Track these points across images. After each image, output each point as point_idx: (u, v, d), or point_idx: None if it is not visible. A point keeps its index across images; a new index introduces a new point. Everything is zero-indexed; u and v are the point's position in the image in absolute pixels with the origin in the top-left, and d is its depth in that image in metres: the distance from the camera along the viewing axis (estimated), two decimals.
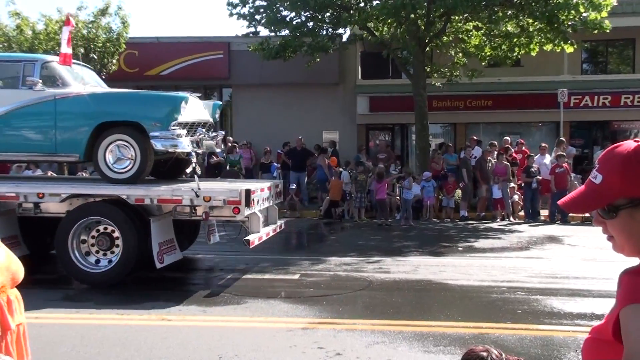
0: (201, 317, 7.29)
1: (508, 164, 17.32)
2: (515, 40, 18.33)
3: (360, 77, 22.80)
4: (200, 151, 9.84)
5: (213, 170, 19.77)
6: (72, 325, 6.83)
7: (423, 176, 17.24)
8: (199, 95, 10.66)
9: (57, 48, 18.98)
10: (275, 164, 19.50)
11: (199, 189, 8.69)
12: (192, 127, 9.52)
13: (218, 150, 11.28)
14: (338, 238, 15.00)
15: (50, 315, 6.96)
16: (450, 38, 19.70)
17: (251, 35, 19.24)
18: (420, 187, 17.02)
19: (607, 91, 21.13)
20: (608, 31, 16.86)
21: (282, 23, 18.66)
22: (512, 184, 17.18)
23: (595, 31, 16.74)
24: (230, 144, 20.53)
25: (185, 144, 9.05)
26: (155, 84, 23.73)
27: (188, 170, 8.48)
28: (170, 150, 9.09)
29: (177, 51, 22.62)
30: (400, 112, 21.16)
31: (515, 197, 17.24)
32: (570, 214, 16.28)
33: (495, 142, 18.79)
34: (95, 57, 19.61)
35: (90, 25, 19.93)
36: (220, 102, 11.64)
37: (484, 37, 19.13)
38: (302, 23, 18.76)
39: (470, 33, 19.19)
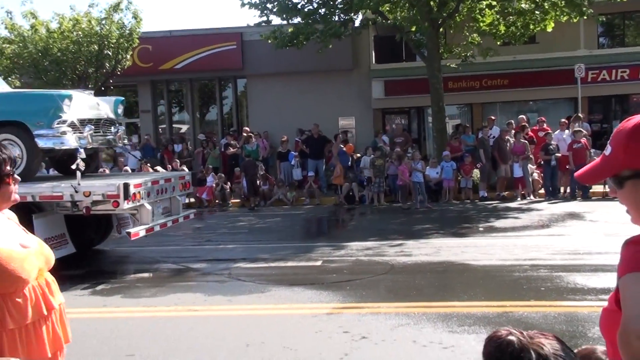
0: (227, 306, 7.38)
1: (526, 142, 17.20)
2: (529, 16, 18.16)
3: (374, 62, 22.71)
4: (90, 147, 9.86)
5: (230, 161, 19.94)
6: (101, 319, 6.96)
7: (443, 155, 17.18)
8: (91, 92, 10.82)
9: (71, 46, 19.19)
10: (293, 153, 19.55)
11: (79, 184, 8.81)
12: (82, 124, 9.56)
13: (120, 145, 11.22)
14: (358, 223, 15.07)
15: (80, 310, 7.07)
16: (464, 18, 19.54)
17: (263, 24, 19.25)
18: (437, 169, 16.97)
19: (625, 64, 20.85)
20: (624, 1, 16.58)
21: (294, 11, 18.64)
22: (530, 163, 17.06)
23: (612, 1, 16.48)
24: (246, 134, 20.63)
25: (71, 141, 9.19)
26: (169, 78, 23.90)
27: (73, 167, 8.61)
28: (57, 148, 9.23)
29: (190, 44, 22.68)
30: (416, 95, 21.08)
31: (535, 175, 17.14)
32: (591, 190, 16.20)
33: (513, 121, 18.67)
34: (110, 53, 19.74)
35: (103, 22, 20.04)
36: (123, 98, 11.56)
37: (497, 15, 18.95)
38: (314, 10, 18.72)
39: (484, 12, 19.01)
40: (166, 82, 24.25)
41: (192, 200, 18.64)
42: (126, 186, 8.83)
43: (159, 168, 19.10)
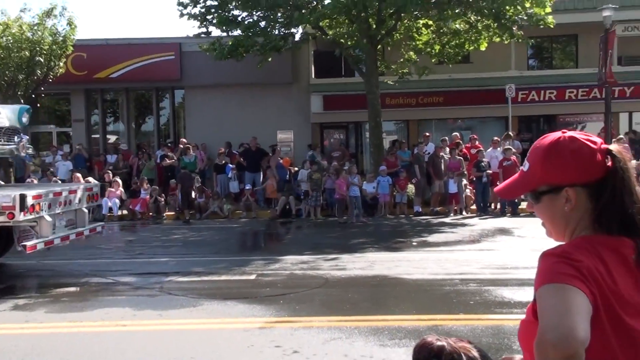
0: (157, 321, 7.23)
1: (461, 158, 17.64)
2: (463, 36, 18.74)
3: (313, 76, 22.86)
4: None
5: (166, 173, 19.63)
6: (23, 335, 6.69)
7: (380, 170, 17.40)
8: None
9: (0, 52, 18.55)
10: (230, 165, 19.42)
11: None
12: None
13: (23, 154, 10.96)
14: (294, 237, 15.08)
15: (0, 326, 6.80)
16: (401, 36, 19.94)
17: (203, 35, 19.11)
18: (374, 184, 17.17)
19: (553, 86, 21.69)
20: (552, 27, 17.37)
21: (234, 23, 18.59)
22: (464, 179, 17.49)
23: (541, 25, 17.23)
24: (183, 146, 20.39)
25: None
26: (105, 87, 23.40)
27: None
28: None
29: (127, 53, 22.28)
30: (354, 110, 21.30)
31: (467, 192, 17.57)
32: (519, 207, 16.72)
33: (447, 138, 19.13)
34: (42, 60, 19.16)
35: (36, 28, 19.46)
36: (28, 106, 11.32)
37: (433, 35, 19.44)
38: (254, 23, 18.71)
39: (420, 31, 19.46)
40: (101, 91, 23.72)
41: (125, 212, 18.24)
42: (22, 197, 8.52)
43: (90, 179, 18.64)
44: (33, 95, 20.43)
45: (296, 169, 18.95)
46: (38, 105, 23.12)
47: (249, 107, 22.18)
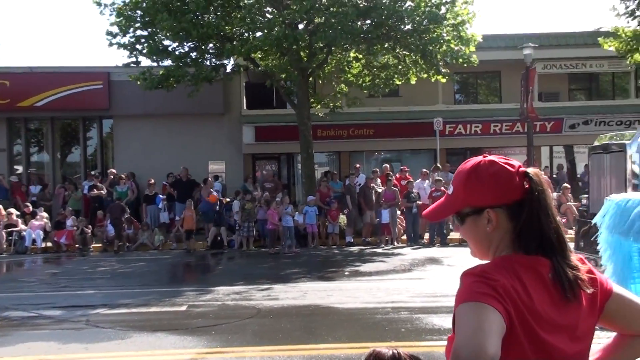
0: (83, 354, 6.99)
1: (396, 189, 17.96)
2: (393, 70, 19.26)
3: (245, 107, 22.88)
4: None
5: (94, 203, 19.11)
6: None
7: (308, 200, 17.47)
8: None
9: None
10: (161, 196, 19.08)
11: None
12: None
13: None
14: (226, 268, 14.91)
15: None
16: (333, 68, 20.29)
17: (132, 65, 18.87)
18: (303, 214, 17.22)
19: (479, 120, 22.48)
20: (476, 65, 18.09)
21: (164, 53, 18.47)
22: (397, 209, 17.78)
23: (465, 64, 17.94)
24: (114, 176, 19.94)
25: None
26: (28, 116, 22.68)
27: None
28: None
29: (53, 81, 21.68)
30: (286, 141, 21.41)
31: (398, 222, 17.86)
32: (448, 237, 17.13)
33: (378, 170, 19.46)
34: None
35: None
36: None
37: (363, 68, 19.88)
38: (185, 53, 18.66)
39: (351, 64, 19.87)
40: (25, 120, 22.93)
41: (49, 244, 17.61)
42: None
43: (12, 210, 17.96)
44: None
45: (228, 199, 18.79)
46: None
47: (179, 137, 21.92)
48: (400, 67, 19.23)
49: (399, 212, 17.94)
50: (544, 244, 1.73)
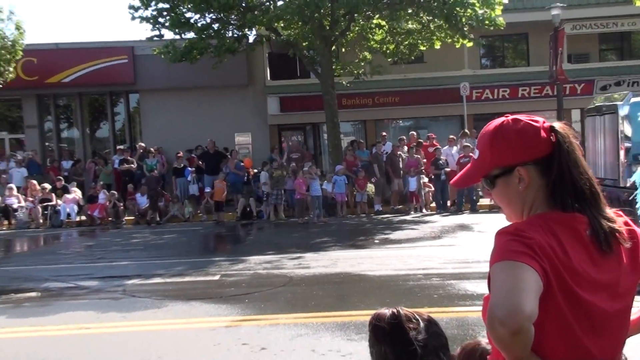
0: (121, 323, 7.14)
1: (419, 156, 17.87)
2: (416, 36, 18.99)
3: (269, 78, 22.84)
4: None
5: (124, 176, 19.38)
6: None
7: (336, 169, 17.48)
8: None
9: None
10: (189, 168, 19.27)
11: None
12: None
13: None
14: (256, 238, 15.06)
15: None
16: (355, 36, 20.09)
17: (155, 38, 18.90)
18: (331, 183, 17.25)
19: (506, 84, 22.15)
20: (503, 28, 17.75)
21: (187, 25, 18.44)
22: (424, 177, 17.72)
23: (491, 28, 17.60)
24: (143, 150, 20.18)
25: None
26: (57, 92, 22.93)
27: None
28: None
29: (79, 57, 21.87)
30: (311, 111, 21.37)
31: (427, 189, 17.81)
32: (478, 204, 17.05)
33: (404, 137, 19.36)
34: None
35: None
36: None
37: (387, 34, 19.64)
38: (207, 25, 18.60)
39: (374, 31, 19.64)
40: (53, 96, 23.22)
41: (83, 218, 17.97)
42: None
43: (46, 185, 18.31)
44: None
45: (255, 170, 18.91)
46: None
47: (205, 110, 22.01)
48: (424, 32, 18.94)
49: (426, 180, 17.88)
50: (578, 197, 1.70)
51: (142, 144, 21.06)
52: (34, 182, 18.57)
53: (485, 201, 17.21)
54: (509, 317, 1.46)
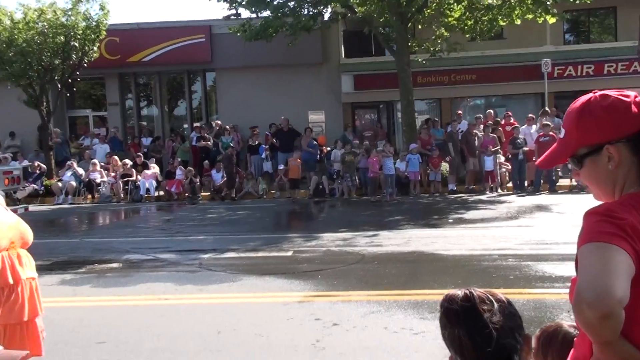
0: (197, 295, 7.33)
1: (496, 135, 17.42)
2: (496, 11, 18.38)
3: (343, 56, 22.74)
4: None
5: (201, 153, 19.84)
6: (71, 307, 6.85)
7: (410, 147, 17.29)
8: None
9: (37, 37, 18.83)
10: (264, 146, 19.50)
11: None
12: None
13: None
14: (329, 215, 15.12)
15: (49, 299, 6.86)
16: (432, 12, 19.67)
17: (232, 17, 19.13)
18: (405, 161, 17.08)
19: (590, 60, 21.21)
20: (589, 1, 16.95)
21: (263, 3, 18.54)
22: (500, 156, 17.29)
23: (577, 1, 16.84)
24: (218, 127, 20.59)
25: None
26: (137, 71, 23.61)
27: None
28: None
29: (158, 37, 22.42)
30: (385, 89, 21.15)
31: (503, 169, 17.37)
32: (557, 184, 16.50)
33: (481, 115, 18.91)
34: (76, 45, 19.38)
35: (69, 13, 19.65)
36: None
37: (465, 10, 19.12)
38: (283, 3, 18.64)
39: (452, 7, 19.16)
40: (134, 74, 23.95)
41: (162, 193, 18.55)
42: None
43: (127, 161, 18.99)
44: (69, 80, 20.70)
45: (328, 148, 18.95)
46: (74, 89, 23.47)
47: (279, 88, 22.17)
48: (504, 8, 18.31)
49: (503, 159, 17.43)
50: None
51: (219, 122, 21.46)
52: (116, 158, 19.28)
53: (564, 181, 16.65)
54: (597, 300, 1.39)
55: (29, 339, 2.73)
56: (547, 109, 18.62)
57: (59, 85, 19.81)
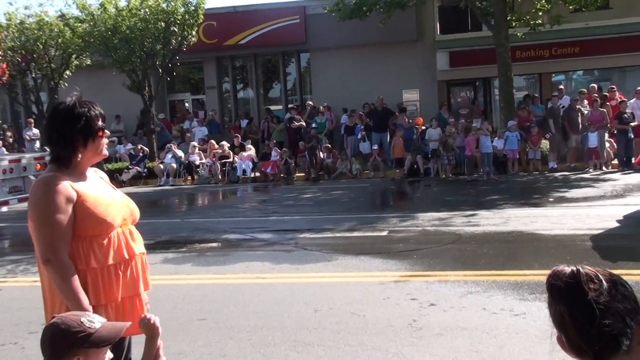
0: (294, 274, 7.46)
1: (604, 110, 16.58)
2: None
3: (439, 32, 22.27)
4: None
5: (295, 134, 20.06)
6: (173, 285, 7.15)
7: (508, 125, 16.76)
8: None
9: (139, 24, 19.56)
10: (360, 126, 19.45)
11: None
12: None
13: None
14: (424, 195, 14.95)
15: (152, 277, 7.18)
16: None
17: None
18: (503, 139, 16.58)
19: None
20: None
21: None
22: (606, 132, 16.46)
23: None
24: (311, 108, 20.74)
25: None
26: (234, 54, 24.11)
27: None
28: None
29: (254, 19, 22.79)
30: (482, 65, 20.56)
31: (607, 145, 16.54)
32: None
33: (585, 90, 18.02)
34: (176, 30, 20.00)
35: None
36: None
37: None
38: None
39: None
40: (231, 58, 24.48)
41: (257, 174, 18.94)
42: None
43: (224, 143, 19.49)
44: (169, 65, 21.42)
45: (423, 127, 18.68)
46: (174, 74, 24.29)
47: (373, 67, 22.03)
48: None
49: (608, 135, 16.57)
50: None
51: (311, 103, 21.61)
52: (212, 141, 19.84)
53: None
54: None
55: (139, 312, 2.88)
56: None
57: (160, 70, 20.54)
